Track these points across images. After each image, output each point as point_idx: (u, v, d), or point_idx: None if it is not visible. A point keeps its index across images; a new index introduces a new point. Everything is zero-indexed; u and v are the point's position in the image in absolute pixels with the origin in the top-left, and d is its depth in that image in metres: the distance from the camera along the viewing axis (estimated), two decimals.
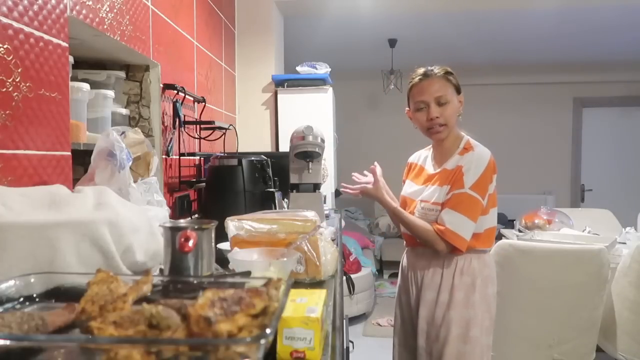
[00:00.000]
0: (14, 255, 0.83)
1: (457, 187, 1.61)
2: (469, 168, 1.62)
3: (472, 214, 1.60)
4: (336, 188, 3.74)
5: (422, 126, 1.72)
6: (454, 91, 1.70)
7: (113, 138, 1.29)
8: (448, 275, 1.66)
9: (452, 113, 1.68)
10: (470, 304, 1.63)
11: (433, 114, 1.66)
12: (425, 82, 1.68)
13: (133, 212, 1.04)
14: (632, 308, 2.33)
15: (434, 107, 1.66)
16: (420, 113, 1.70)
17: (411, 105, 1.75)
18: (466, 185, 1.60)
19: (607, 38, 5.01)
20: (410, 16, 4.25)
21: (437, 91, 1.66)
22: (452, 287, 1.64)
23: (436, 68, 1.71)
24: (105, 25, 1.53)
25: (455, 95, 1.70)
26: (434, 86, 1.67)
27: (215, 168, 1.90)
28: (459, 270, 1.65)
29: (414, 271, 1.77)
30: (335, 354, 0.81)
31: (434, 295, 1.67)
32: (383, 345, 3.59)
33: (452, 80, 1.70)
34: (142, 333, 0.55)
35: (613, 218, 3.65)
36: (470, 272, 1.65)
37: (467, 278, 1.65)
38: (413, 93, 1.72)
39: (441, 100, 1.66)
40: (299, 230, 1.16)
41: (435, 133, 1.69)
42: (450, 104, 1.67)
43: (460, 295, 1.63)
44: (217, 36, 2.87)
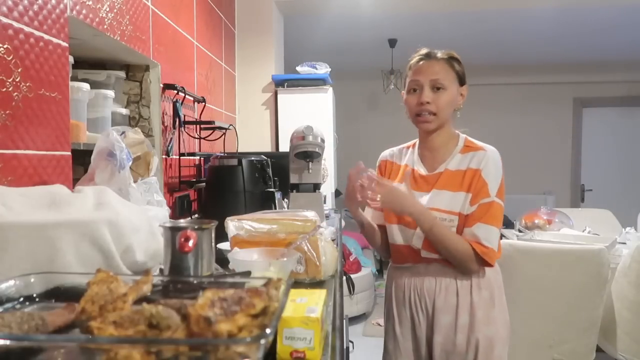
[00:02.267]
0: (14, 255, 0.83)
1: (483, 196, 1.41)
2: (488, 172, 1.42)
3: (499, 223, 1.43)
4: (336, 188, 3.74)
5: (411, 111, 1.48)
6: (455, 79, 1.47)
7: (113, 138, 1.29)
8: (464, 293, 1.45)
9: (447, 102, 1.44)
10: (491, 320, 1.45)
11: (425, 97, 1.42)
12: (424, 63, 1.46)
13: (133, 212, 1.04)
14: (631, 308, 2.33)
15: (427, 90, 1.43)
16: (412, 96, 1.47)
17: (406, 86, 1.52)
18: (492, 193, 1.41)
19: (607, 38, 5.01)
20: (410, 16, 4.25)
21: (435, 74, 1.43)
22: (472, 306, 1.44)
23: (440, 51, 1.49)
24: (105, 25, 1.53)
25: (455, 85, 1.47)
26: (433, 68, 1.44)
27: (215, 168, 1.91)
28: (476, 286, 1.45)
29: (418, 294, 1.49)
30: (335, 354, 0.80)
31: (452, 318, 1.45)
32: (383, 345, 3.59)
33: (455, 66, 1.47)
34: (142, 333, 0.55)
35: (613, 218, 3.65)
36: (487, 285, 1.47)
37: (486, 292, 1.46)
38: (409, 73, 1.50)
39: (437, 85, 1.43)
40: (299, 230, 1.16)
41: (423, 122, 1.46)
42: (446, 91, 1.44)
43: (481, 314, 1.44)
44: (217, 36, 2.87)
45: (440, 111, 1.44)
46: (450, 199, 1.43)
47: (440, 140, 1.50)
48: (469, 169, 1.44)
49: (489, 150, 1.47)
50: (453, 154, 1.49)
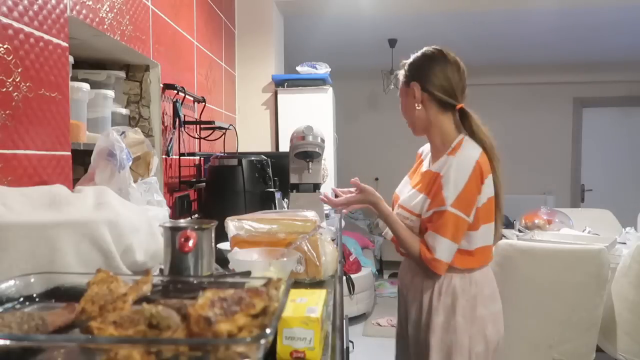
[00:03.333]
0: (14, 255, 0.83)
1: (438, 204, 1.39)
2: (447, 179, 1.39)
3: (454, 235, 1.38)
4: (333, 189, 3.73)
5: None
6: (404, 87, 1.53)
7: (113, 138, 1.29)
8: (427, 296, 1.47)
9: (406, 111, 1.54)
10: (451, 328, 1.42)
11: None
12: None
13: (133, 212, 1.04)
14: (631, 308, 2.33)
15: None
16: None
17: None
18: (447, 202, 1.37)
19: (607, 38, 5.01)
20: (410, 16, 4.25)
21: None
22: (431, 309, 1.45)
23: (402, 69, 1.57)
24: (105, 25, 1.53)
25: (405, 91, 1.52)
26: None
27: (215, 168, 1.91)
28: (437, 290, 1.45)
29: (401, 283, 1.63)
30: (335, 354, 0.81)
31: (418, 315, 1.50)
32: (383, 345, 3.59)
33: (403, 74, 1.54)
34: (142, 333, 0.55)
35: (613, 218, 3.65)
36: (450, 292, 1.44)
37: (447, 299, 1.44)
38: None
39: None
40: (299, 230, 1.16)
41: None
42: (402, 103, 1.55)
43: (440, 319, 1.44)
44: (217, 36, 2.88)
45: (408, 120, 1.55)
46: (415, 199, 1.48)
47: (433, 141, 1.54)
48: (436, 173, 1.44)
49: (459, 155, 1.41)
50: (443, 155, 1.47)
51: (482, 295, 1.46)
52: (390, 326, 3.93)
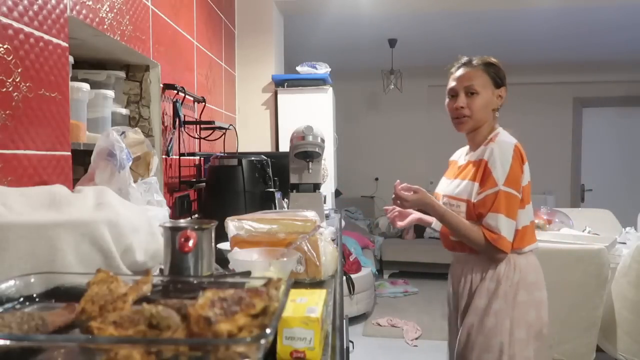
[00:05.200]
0: (14, 255, 0.83)
1: (490, 186, 1.51)
2: (494, 161, 1.52)
3: (511, 212, 1.51)
4: (336, 188, 3.74)
5: (450, 115, 1.66)
6: (489, 83, 1.61)
7: (113, 138, 1.29)
8: (474, 282, 1.59)
9: (481, 105, 1.59)
10: (492, 311, 1.53)
11: (459, 103, 1.60)
12: (459, 71, 1.63)
13: (133, 212, 1.04)
14: (631, 308, 2.33)
15: (462, 96, 1.60)
16: (450, 101, 1.65)
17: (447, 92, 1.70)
18: (499, 183, 1.50)
19: (607, 38, 5.01)
20: (410, 16, 4.25)
21: (468, 80, 1.59)
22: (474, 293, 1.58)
23: (477, 58, 1.64)
24: (105, 25, 1.53)
25: (490, 88, 1.61)
26: (467, 75, 1.61)
27: (215, 168, 1.91)
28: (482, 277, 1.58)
29: (452, 276, 1.72)
30: (335, 354, 0.81)
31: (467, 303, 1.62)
32: (383, 345, 3.59)
33: (490, 72, 1.62)
34: (142, 333, 0.55)
35: (613, 218, 3.64)
36: (495, 278, 1.55)
37: (491, 284, 1.55)
38: (449, 80, 1.67)
39: (470, 90, 1.59)
40: (299, 230, 1.16)
41: (459, 124, 1.63)
42: (479, 95, 1.59)
43: (482, 302, 1.55)
44: (217, 36, 2.88)
45: (474, 113, 1.60)
46: (461, 187, 1.60)
47: (480, 138, 1.64)
48: (480, 160, 1.57)
49: (499, 141, 1.56)
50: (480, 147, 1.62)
51: (525, 282, 1.55)
52: (391, 326, 3.93)
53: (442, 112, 1.68)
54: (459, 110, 1.61)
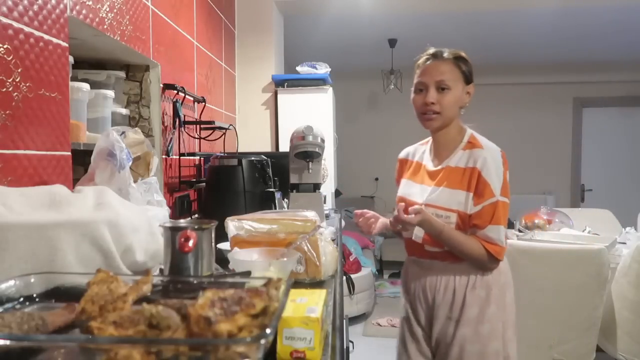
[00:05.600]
0: (14, 255, 0.83)
1: (488, 197, 1.44)
2: (489, 172, 1.45)
3: (506, 220, 1.49)
4: (336, 188, 3.74)
5: (417, 110, 1.55)
6: (460, 79, 1.52)
7: (113, 138, 1.29)
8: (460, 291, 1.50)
9: (451, 101, 1.49)
10: (486, 318, 1.49)
11: (429, 98, 1.49)
12: (430, 63, 1.52)
13: (133, 212, 1.04)
14: (631, 308, 2.33)
15: (432, 91, 1.49)
16: (418, 95, 1.53)
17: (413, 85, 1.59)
18: (496, 193, 1.45)
19: (607, 38, 5.01)
20: (410, 16, 4.25)
21: (440, 74, 1.49)
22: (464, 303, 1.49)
23: (447, 51, 1.54)
24: (105, 25, 1.53)
25: (461, 84, 1.52)
26: (439, 69, 1.50)
27: (215, 168, 1.91)
28: (472, 285, 1.50)
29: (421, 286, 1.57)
30: (335, 354, 0.81)
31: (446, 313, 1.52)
32: (383, 345, 3.59)
33: (461, 66, 1.52)
34: (142, 333, 0.55)
35: (613, 218, 3.64)
36: (484, 285, 1.50)
37: (481, 291, 1.50)
38: (417, 73, 1.56)
39: (442, 85, 1.49)
40: (299, 230, 1.16)
41: (427, 120, 1.52)
42: (451, 91, 1.49)
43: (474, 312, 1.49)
44: (217, 36, 2.87)
45: (444, 110, 1.50)
46: (449, 196, 1.49)
47: (447, 137, 1.55)
48: (468, 168, 1.48)
49: (488, 148, 1.50)
50: (456, 151, 1.54)
51: (508, 283, 1.57)
52: (391, 326, 3.93)
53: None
54: (428, 106, 1.50)
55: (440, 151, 1.57)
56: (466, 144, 1.53)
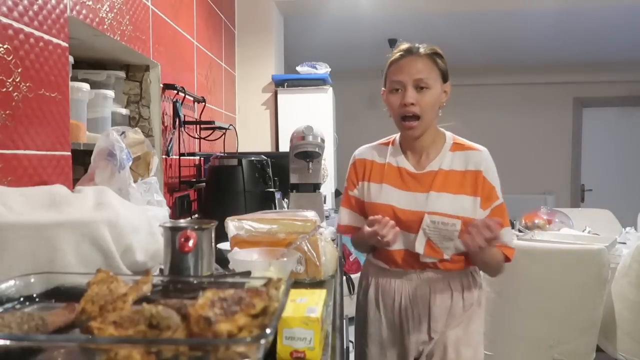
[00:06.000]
0: (14, 255, 0.83)
1: (494, 199, 1.39)
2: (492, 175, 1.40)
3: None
4: (336, 188, 3.74)
5: (395, 112, 1.42)
6: (439, 77, 1.40)
7: (113, 138, 1.29)
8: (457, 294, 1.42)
9: (431, 102, 1.37)
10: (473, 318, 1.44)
11: (408, 98, 1.35)
12: (406, 60, 1.39)
13: (133, 212, 1.04)
14: (632, 308, 2.33)
15: (410, 90, 1.36)
16: (394, 96, 1.41)
17: (387, 85, 1.47)
18: (500, 195, 1.40)
19: (607, 38, 5.01)
20: (410, 16, 4.25)
21: (418, 72, 1.36)
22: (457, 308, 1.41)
23: (423, 46, 1.41)
24: (105, 25, 1.53)
25: (439, 82, 1.40)
26: (416, 66, 1.37)
27: (215, 168, 1.91)
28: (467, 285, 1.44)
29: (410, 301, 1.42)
30: (335, 354, 0.80)
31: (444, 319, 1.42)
32: None
33: (439, 63, 1.40)
34: (142, 333, 0.55)
35: (613, 218, 3.64)
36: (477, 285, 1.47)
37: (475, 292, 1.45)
38: (391, 70, 1.44)
39: (420, 84, 1.36)
40: (299, 230, 1.16)
41: (409, 129, 1.38)
42: (431, 90, 1.36)
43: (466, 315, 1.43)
44: (217, 36, 2.87)
45: (424, 112, 1.37)
46: (452, 202, 1.37)
47: (427, 140, 1.44)
48: (469, 171, 1.40)
49: (483, 150, 1.44)
50: (442, 153, 1.43)
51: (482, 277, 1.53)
52: None
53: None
54: (407, 106, 1.36)
55: (421, 153, 1.45)
56: (452, 145, 1.44)
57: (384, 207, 1.41)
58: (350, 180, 1.56)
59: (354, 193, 1.53)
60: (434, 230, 1.35)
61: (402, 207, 1.40)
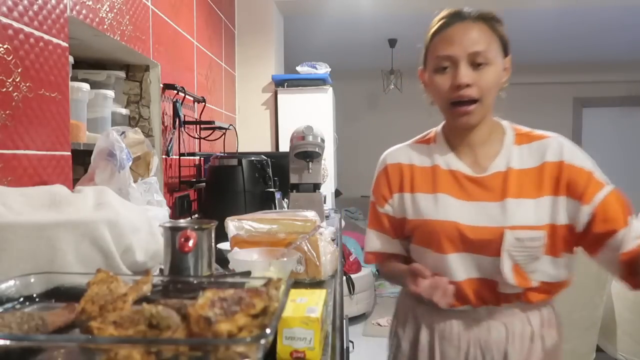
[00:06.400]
0: (14, 255, 0.83)
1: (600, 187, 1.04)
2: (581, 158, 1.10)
3: None
4: (336, 188, 3.74)
5: (443, 98, 1.06)
6: (499, 49, 1.06)
7: (113, 138, 1.29)
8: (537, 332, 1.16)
9: (492, 82, 1.04)
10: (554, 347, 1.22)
11: (462, 78, 1.01)
12: (455, 28, 1.04)
13: (133, 212, 1.04)
14: (632, 308, 2.33)
15: (464, 68, 1.02)
16: (442, 76, 1.05)
17: (429, 63, 1.10)
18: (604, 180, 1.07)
19: (607, 38, 5.01)
20: (410, 16, 4.24)
21: (474, 44, 1.02)
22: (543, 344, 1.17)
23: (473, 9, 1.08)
24: (105, 25, 1.53)
25: (500, 56, 1.06)
26: (470, 35, 1.03)
27: (215, 168, 1.91)
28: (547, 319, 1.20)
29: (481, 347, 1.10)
30: (335, 354, 0.81)
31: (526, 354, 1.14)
32: (383, 345, 3.58)
33: (498, 30, 1.08)
34: (142, 333, 0.55)
35: None
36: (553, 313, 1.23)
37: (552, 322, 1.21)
38: (434, 43, 1.08)
39: (477, 60, 1.02)
40: (299, 230, 1.16)
41: (463, 115, 1.04)
42: (491, 67, 1.03)
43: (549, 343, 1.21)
44: (217, 36, 2.87)
45: (484, 96, 1.04)
46: (535, 209, 1.04)
47: (483, 133, 1.11)
48: (547, 164, 1.06)
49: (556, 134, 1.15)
50: (506, 147, 1.11)
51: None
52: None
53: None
54: (462, 88, 1.02)
55: (477, 150, 1.12)
56: (515, 137, 1.13)
57: (444, 226, 1.07)
58: (379, 192, 1.20)
59: (385, 210, 1.18)
60: (521, 250, 1.03)
61: (471, 224, 1.06)
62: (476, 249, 1.06)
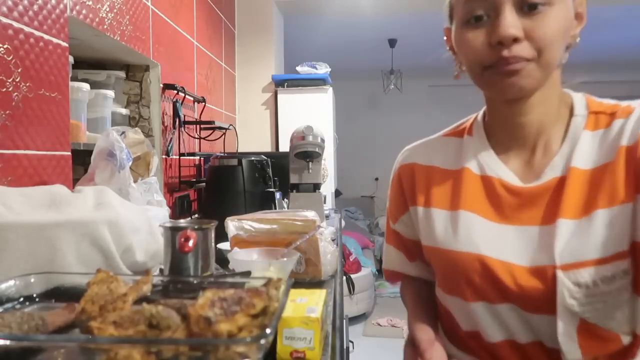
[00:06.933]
0: (14, 255, 0.83)
1: None
2: None
3: None
4: (336, 188, 3.74)
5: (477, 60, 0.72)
6: None
7: (113, 138, 1.29)
8: None
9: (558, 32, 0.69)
10: None
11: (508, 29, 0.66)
12: None
13: (133, 212, 1.04)
14: None
15: (509, 13, 0.67)
16: (476, 31, 0.71)
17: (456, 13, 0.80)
18: None
19: (607, 38, 5.01)
20: (410, 16, 4.25)
21: None
22: None
23: None
24: (105, 25, 1.53)
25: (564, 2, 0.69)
26: None
27: (215, 168, 1.91)
28: None
29: None
30: (335, 354, 0.81)
31: None
32: (383, 345, 3.59)
33: None
34: (142, 333, 0.55)
35: None
36: None
37: None
38: None
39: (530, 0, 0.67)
40: (299, 230, 1.16)
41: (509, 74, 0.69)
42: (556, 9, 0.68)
43: None
44: (217, 36, 2.87)
45: (544, 51, 0.69)
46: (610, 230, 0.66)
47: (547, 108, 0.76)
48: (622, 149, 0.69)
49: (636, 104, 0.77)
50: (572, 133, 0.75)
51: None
52: (391, 326, 3.93)
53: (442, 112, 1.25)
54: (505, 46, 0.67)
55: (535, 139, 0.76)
56: (590, 117, 0.77)
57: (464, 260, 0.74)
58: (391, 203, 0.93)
59: (397, 227, 0.92)
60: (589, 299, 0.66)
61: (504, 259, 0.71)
62: (517, 299, 0.69)
